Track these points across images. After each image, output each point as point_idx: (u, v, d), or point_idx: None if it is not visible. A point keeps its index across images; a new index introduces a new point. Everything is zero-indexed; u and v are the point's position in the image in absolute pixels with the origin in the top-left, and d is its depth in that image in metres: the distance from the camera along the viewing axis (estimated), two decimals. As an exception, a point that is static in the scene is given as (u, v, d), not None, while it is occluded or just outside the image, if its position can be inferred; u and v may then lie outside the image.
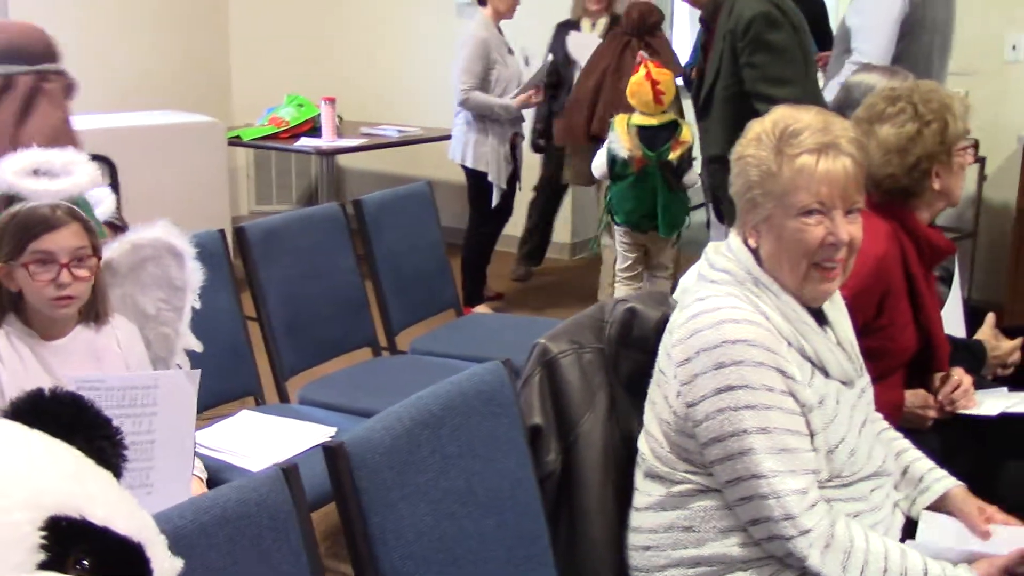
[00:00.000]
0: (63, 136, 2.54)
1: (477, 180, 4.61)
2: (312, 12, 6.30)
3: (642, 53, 4.08)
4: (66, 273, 1.81)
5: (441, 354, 3.03)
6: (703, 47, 3.30)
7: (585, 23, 4.97)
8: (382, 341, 3.09)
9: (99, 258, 1.91)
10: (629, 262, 4.17)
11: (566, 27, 4.91)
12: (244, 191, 6.37)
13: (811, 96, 3.06)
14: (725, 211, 3.35)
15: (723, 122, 3.12)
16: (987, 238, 4.71)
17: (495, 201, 4.60)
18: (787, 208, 1.56)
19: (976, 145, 2.14)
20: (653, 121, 3.91)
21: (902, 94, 1.98)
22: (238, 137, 5.23)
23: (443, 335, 3.22)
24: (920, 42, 3.63)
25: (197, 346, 2.16)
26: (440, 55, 5.94)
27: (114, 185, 4.19)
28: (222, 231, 2.62)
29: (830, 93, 3.30)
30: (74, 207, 1.85)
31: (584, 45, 4.76)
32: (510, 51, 4.65)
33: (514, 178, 4.69)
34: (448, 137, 5.09)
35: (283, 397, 2.69)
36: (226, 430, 2.41)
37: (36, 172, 1.86)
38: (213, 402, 2.45)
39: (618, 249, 4.21)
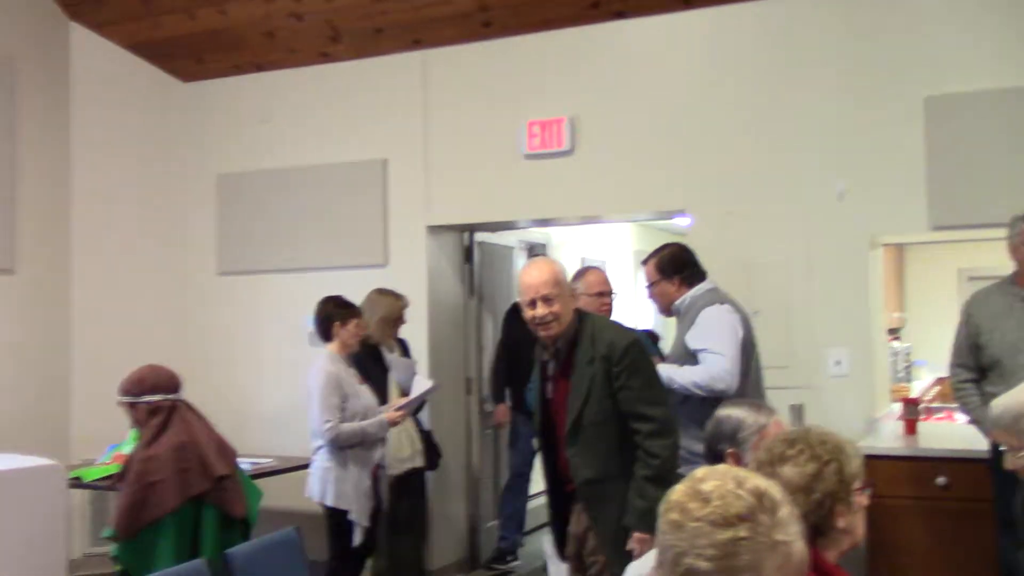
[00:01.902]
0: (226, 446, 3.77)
1: (338, 518, 4.44)
2: (160, 347, 6.24)
3: None
4: None
5: None
6: (550, 378, 3.38)
7: (385, 349, 5.12)
8: None
9: None
10: None
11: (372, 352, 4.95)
12: (79, 531, 5.95)
13: (672, 418, 3.26)
14: (599, 536, 3.32)
15: (596, 444, 3.22)
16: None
17: (357, 539, 4.43)
18: None
19: (873, 484, 2.25)
20: None
21: (798, 437, 2.09)
22: (79, 478, 4.95)
23: None
24: (751, 361, 3.93)
25: None
26: (294, 381, 5.94)
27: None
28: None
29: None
30: None
31: (401, 367, 5.00)
32: (363, 380, 4.66)
33: (377, 512, 4.58)
34: (304, 467, 4.99)
35: None
36: None
37: None
38: None
39: None
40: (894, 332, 7.55)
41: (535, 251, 7.17)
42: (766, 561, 1.52)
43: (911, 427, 4.75)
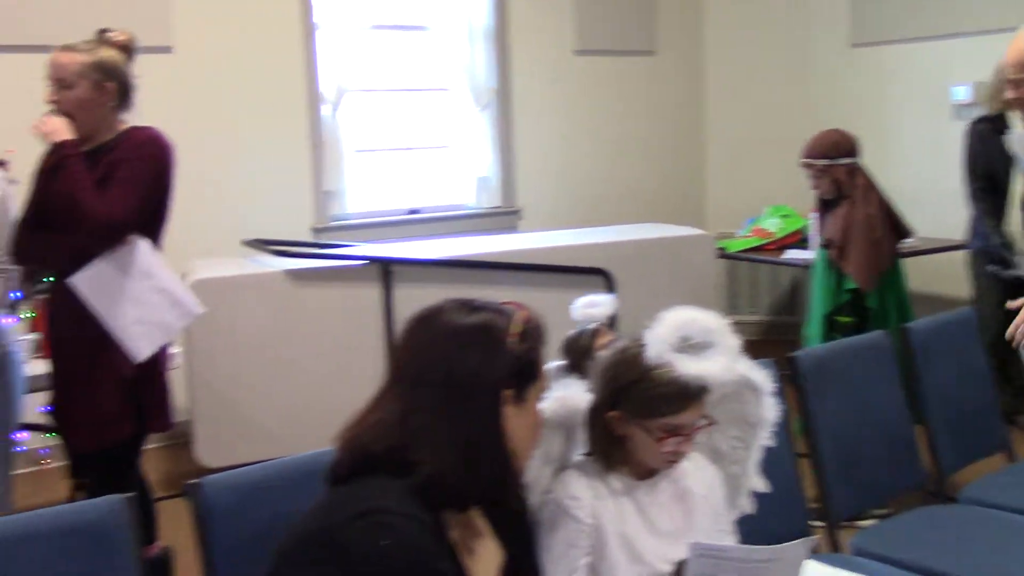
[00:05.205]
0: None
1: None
2: (789, 123, 6.18)
3: None
4: (687, 443, 1.79)
5: (998, 506, 2.65)
6: None
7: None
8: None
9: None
10: None
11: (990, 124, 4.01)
12: (715, 299, 6.33)
13: None
14: None
15: None
16: None
17: None
18: None
19: None
20: None
21: None
22: (722, 248, 5.18)
23: (1001, 483, 2.82)
24: None
25: (764, 487, 2.02)
26: (935, 161, 5.55)
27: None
28: (775, 362, 2.48)
29: None
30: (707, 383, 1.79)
31: None
32: None
33: None
34: (946, 249, 4.69)
35: (836, 546, 2.46)
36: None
37: (684, 342, 1.78)
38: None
39: None
40: None
41: None
42: None
43: None
